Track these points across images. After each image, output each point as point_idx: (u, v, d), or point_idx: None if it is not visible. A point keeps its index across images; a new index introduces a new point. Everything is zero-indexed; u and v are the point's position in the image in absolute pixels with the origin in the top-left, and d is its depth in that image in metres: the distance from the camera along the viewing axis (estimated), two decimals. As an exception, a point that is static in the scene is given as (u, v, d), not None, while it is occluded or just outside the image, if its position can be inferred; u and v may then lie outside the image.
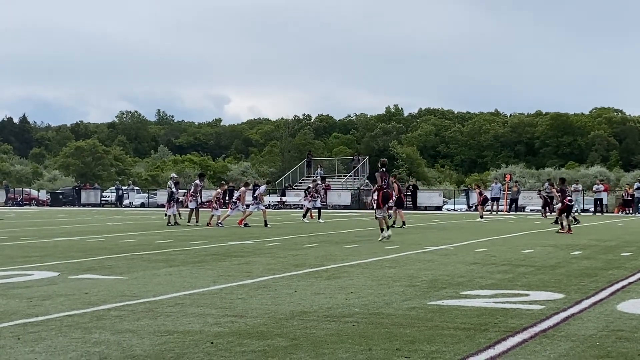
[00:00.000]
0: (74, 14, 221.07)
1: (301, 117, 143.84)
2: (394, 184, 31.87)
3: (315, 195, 33.72)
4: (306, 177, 63.99)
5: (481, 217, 33.70)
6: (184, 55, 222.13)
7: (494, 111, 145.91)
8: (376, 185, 20.87)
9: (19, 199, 67.27)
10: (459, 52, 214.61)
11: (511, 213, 45.84)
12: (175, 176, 34.74)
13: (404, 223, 27.49)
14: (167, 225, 28.14)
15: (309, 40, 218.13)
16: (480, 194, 36.37)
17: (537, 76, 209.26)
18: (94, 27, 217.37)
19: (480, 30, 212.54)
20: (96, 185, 74.63)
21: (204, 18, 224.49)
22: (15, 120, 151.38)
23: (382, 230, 19.67)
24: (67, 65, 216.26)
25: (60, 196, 67.11)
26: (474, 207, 48.93)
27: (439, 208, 53.23)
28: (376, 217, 20.12)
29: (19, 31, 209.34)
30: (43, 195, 69.59)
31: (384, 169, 20.75)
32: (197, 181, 31.23)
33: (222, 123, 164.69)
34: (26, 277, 11.68)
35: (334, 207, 56.21)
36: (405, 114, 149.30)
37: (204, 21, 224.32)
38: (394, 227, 24.08)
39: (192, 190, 30.38)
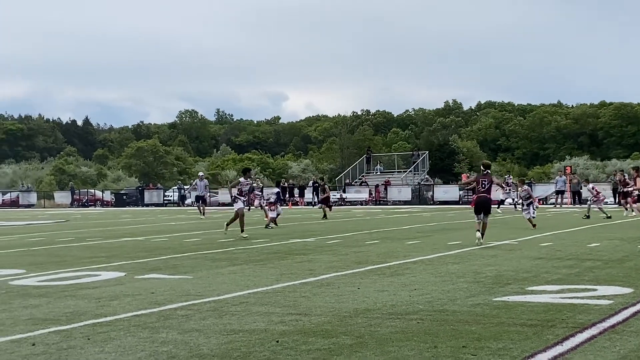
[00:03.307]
0: (132, 17, 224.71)
1: (359, 113, 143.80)
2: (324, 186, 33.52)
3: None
4: (366, 173, 63.95)
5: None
6: (241, 54, 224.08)
7: (556, 103, 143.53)
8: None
9: (84, 200, 68.67)
10: (518, 44, 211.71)
11: (576, 206, 45.09)
12: (203, 174, 37.11)
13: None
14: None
15: (365, 35, 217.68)
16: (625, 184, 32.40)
17: (600, 66, 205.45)
18: (153, 29, 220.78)
19: (540, 20, 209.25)
20: (159, 185, 75.74)
21: (260, 17, 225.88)
22: (79, 122, 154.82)
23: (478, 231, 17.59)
24: (128, 68, 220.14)
25: (124, 196, 68.29)
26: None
27: (501, 202, 52.45)
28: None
29: (80, 36, 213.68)
30: (107, 195, 70.87)
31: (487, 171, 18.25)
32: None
33: (280, 121, 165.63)
34: (94, 277, 11.91)
35: (395, 202, 56.05)
36: (465, 108, 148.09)
37: (260, 20, 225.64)
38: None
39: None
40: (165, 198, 67.21)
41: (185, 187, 69.39)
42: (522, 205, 23.46)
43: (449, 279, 10.98)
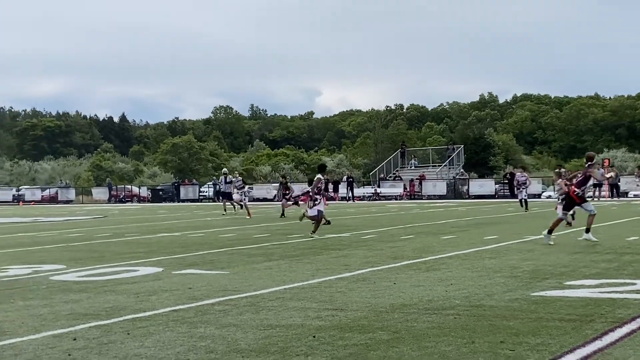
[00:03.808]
0: (167, 14, 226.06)
1: (393, 107, 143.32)
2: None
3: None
4: (400, 167, 63.78)
5: None
6: (275, 49, 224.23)
7: (593, 95, 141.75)
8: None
9: (121, 196, 69.37)
10: (554, 35, 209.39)
11: (614, 199, 44.61)
12: (227, 171, 37.71)
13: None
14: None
15: (398, 28, 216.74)
16: None
17: (638, 57, 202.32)
18: (188, 26, 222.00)
19: (576, 12, 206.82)
20: (194, 180, 76.25)
21: (293, 11, 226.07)
22: (115, 119, 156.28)
23: (550, 231, 15.59)
24: (163, 64, 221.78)
25: (161, 192, 68.84)
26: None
27: (537, 196, 51.95)
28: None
29: (116, 32, 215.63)
30: (144, 191, 71.49)
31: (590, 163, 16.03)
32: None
33: (314, 116, 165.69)
34: (132, 272, 12.05)
35: (429, 197, 55.84)
36: (500, 101, 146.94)
37: (294, 15, 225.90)
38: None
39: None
40: (200, 194, 67.66)
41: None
42: (558, 199, 21.86)
43: (485, 273, 10.93)
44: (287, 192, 31.97)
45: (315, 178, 19.68)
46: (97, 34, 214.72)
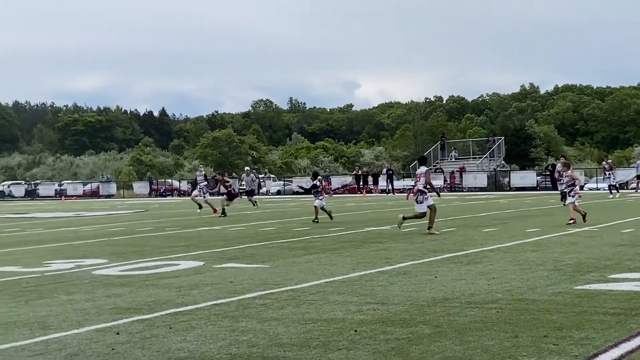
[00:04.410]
0: (205, 8, 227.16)
1: (432, 99, 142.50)
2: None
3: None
4: (440, 159, 63.43)
5: None
6: (314, 42, 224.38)
7: (636, 85, 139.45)
8: None
9: (161, 190, 69.95)
10: (596, 25, 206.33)
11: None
12: (249, 169, 37.22)
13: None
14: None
15: (437, 20, 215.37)
16: None
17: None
18: (226, 19, 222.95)
19: (618, 1, 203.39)
20: (234, 174, 76.63)
21: (332, 4, 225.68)
22: (155, 113, 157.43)
23: None
24: (202, 58, 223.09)
25: (201, 186, 69.14)
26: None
27: (580, 187, 51.23)
28: None
29: (156, 26, 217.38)
30: (184, 185, 71.96)
31: None
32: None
33: (353, 108, 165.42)
34: (174, 267, 12.13)
35: (470, 189, 55.44)
36: (542, 92, 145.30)
37: (331, 7, 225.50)
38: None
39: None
40: (240, 187, 67.92)
41: (260, 175, 69.94)
42: (570, 191, 20.51)
43: (528, 267, 10.81)
44: (228, 185, 32.16)
45: (425, 171, 18.05)
46: (136, 29, 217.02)
